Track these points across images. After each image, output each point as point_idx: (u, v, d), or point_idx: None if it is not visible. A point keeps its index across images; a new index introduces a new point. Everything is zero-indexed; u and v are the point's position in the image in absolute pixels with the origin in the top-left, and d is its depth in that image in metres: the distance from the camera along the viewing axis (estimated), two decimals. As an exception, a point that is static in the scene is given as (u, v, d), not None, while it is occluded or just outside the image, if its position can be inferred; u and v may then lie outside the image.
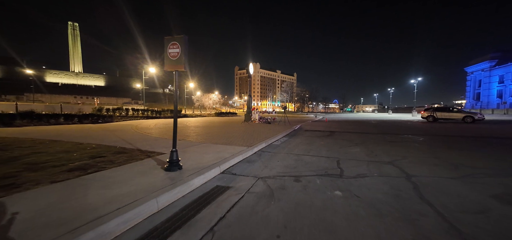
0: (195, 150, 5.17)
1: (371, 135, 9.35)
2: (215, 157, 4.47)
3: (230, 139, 7.03)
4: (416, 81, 37.69)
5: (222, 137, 7.39)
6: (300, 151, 5.71)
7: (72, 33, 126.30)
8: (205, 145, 5.89)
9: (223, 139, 7.02)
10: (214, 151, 5.02)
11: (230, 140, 6.70)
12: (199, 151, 5.01)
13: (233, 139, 7.04)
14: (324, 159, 4.81)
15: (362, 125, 14.73)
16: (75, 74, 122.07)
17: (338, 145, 6.73)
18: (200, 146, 5.63)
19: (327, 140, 7.70)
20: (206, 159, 4.25)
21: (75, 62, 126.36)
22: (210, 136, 7.63)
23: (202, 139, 6.98)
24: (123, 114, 16.74)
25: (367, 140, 7.69)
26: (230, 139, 6.92)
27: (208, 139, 6.89)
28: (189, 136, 7.65)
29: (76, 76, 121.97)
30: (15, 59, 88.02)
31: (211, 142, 6.41)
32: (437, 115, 18.21)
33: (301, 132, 10.50)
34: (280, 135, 8.44)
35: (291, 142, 7.25)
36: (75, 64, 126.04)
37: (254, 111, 15.78)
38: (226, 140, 6.81)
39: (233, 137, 7.52)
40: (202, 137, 7.35)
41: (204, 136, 7.76)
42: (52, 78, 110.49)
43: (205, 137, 7.35)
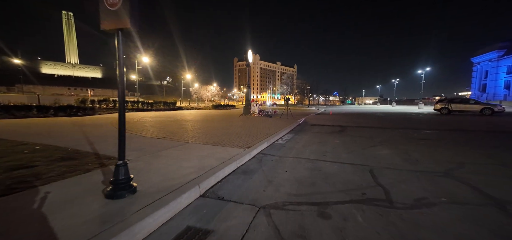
0: (171, 154, 3.80)
1: (389, 130, 8.00)
2: (197, 166, 3.11)
3: (223, 137, 5.67)
4: (423, 71, 36.08)
5: (214, 135, 6.03)
6: (313, 154, 4.36)
7: (66, 23, 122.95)
8: (189, 146, 4.53)
9: (215, 137, 5.66)
10: (198, 156, 3.66)
11: (223, 139, 5.34)
12: (177, 156, 3.65)
13: (227, 137, 5.67)
14: (350, 168, 3.46)
15: (372, 119, 13.37)
16: (71, 65, 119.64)
17: (358, 144, 5.38)
18: (181, 148, 4.27)
19: (341, 138, 6.35)
20: (182, 171, 2.90)
21: (71, 53, 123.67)
22: (199, 133, 6.27)
23: (189, 137, 5.62)
24: (110, 106, 15.30)
25: (390, 138, 6.33)
26: (223, 137, 5.56)
27: (196, 137, 5.53)
28: (174, 133, 6.28)
29: (72, 67, 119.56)
30: (8, 49, 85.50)
31: (199, 141, 5.05)
32: (451, 107, 16.83)
33: (307, 127, 9.13)
34: (283, 131, 7.08)
35: (299, 141, 5.89)
36: (71, 55, 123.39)
37: (254, 104, 14.38)
38: (219, 138, 5.44)
39: (228, 134, 6.15)
40: (189, 135, 5.99)
41: (192, 133, 6.40)
42: (48, 70, 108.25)
43: (193, 134, 5.99)
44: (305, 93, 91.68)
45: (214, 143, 4.78)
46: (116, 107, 15.76)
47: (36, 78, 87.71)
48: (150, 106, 17.49)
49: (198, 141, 5.04)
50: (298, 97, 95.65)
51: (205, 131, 6.61)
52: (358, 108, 37.12)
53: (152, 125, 8.12)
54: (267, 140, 5.28)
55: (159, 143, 4.69)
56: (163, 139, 5.22)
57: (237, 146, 4.56)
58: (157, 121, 9.48)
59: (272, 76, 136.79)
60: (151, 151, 3.95)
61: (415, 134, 7.08)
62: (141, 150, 4.06)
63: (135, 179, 2.38)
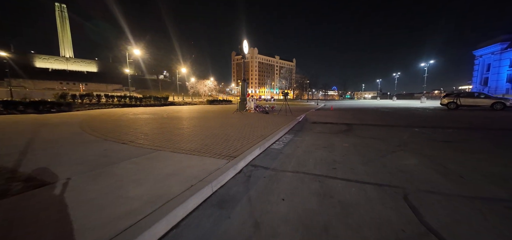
0: (122, 171, 2.73)
1: (403, 129, 6.97)
2: (147, 195, 2.05)
3: (207, 140, 4.60)
4: (427, 65, 34.96)
5: (196, 137, 4.96)
6: (319, 166, 3.31)
7: (60, 15, 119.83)
8: (157, 155, 3.45)
9: (197, 140, 4.59)
10: (159, 175, 2.60)
11: (205, 143, 4.27)
12: (128, 176, 2.58)
13: (212, 140, 4.61)
14: (375, 191, 2.43)
15: (377, 115, 12.34)
16: (65, 59, 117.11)
17: (373, 149, 4.34)
18: (143, 159, 3.20)
19: (350, 139, 5.30)
20: (117, 208, 1.83)
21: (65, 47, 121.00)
22: (179, 135, 5.19)
23: (163, 141, 4.54)
24: (94, 101, 14.08)
25: (407, 139, 5.30)
26: (206, 141, 4.49)
27: (171, 141, 4.45)
28: (147, 135, 5.20)
29: (67, 61, 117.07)
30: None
31: (173, 147, 3.97)
32: (460, 102, 15.85)
33: (308, 125, 8.08)
34: (281, 130, 6.02)
35: (299, 144, 4.84)
36: (65, 48, 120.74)
37: (249, 99, 13.27)
38: (200, 142, 4.38)
39: (214, 136, 5.08)
40: (165, 137, 4.91)
41: (170, 134, 5.32)
42: (42, 64, 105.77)
43: (170, 137, 4.91)
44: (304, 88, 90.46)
45: (191, 150, 3.71)
46: (101, 102, 14.60)
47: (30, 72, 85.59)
48: (138, 102, 16.29)
49: (172, 147, 3.96)
50: (297, 92, 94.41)
51: (187, 132, 5.53)
52: (359, 103, 36.16)
53: (129, 124, 7.03)
54: (260, 145, 4.23)
55: (119, 151, 3.61)
56: (129, 144, 4.14)
57: (221, 154, 3.50)
58: (137, 119, 8.38)
59: (271, 70, 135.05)
60: (98, 165, 2.88)
61: (433, 134, 6.06)
62: (85, 163, 2.99)
63: (32, 226, 1.31)
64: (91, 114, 9.42)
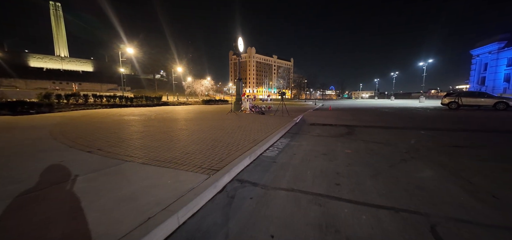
0: (53, 198, 2.13)
1: (408, 131, 6.44)
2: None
3: (190, 147, 4.01)
4: (425, 64, 34.61)
5: (179, 142, 4.35)
6: (319, 181, 2.74)
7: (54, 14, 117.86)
8: (123, 168, 2.85)
9: (178, 147, 3.99)
10: (105, 202, 2.00)
11: (186, 152, 3.68)
12: (52, 207, 1.98)
13: (195, 146, 4.01)
14: (393, 222, 1.86)
15: (378, 115, 11.83)
16: (60, 58, 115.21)
17: (380, 156, 3.79)
18: (103, 175, 2.59)
19: (352, 144, 4.74)
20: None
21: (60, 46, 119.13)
22: (159, 140, 4.59)
23: (138, 147, 3.93)
24: (80, 101, 13.34)
25: (416, 144, 4.76)
26: (188, 148, 3.90)
27: (148, 149, 3.85)
28: (123, 140, 4.59)
29: (62, 60, 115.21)
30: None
31: (147, 156, 3.37)
32: (462, 101, 15.43)
33: (305, 127, 7.52)
34: (276, 134, 5.44)
35: (296, 151, 4.26)
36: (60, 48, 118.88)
37: (245, 99, 12.68)
38: (181, 150, 3.78)
39: (199, 141, 4.49)
40: (142, 143, 4.30)
41: (149, 140, 4.71)
42: (36, 63, 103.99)
43: (148, 143, 4.30)
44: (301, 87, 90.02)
45: (167, 161, 3.11)
46: (89, 102, 13.87)
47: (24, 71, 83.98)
48: (129, 102, 15.58)
49: (146, 156, 3.36)
50: (294, 92, 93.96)
51: (170, 137, 4.92)
52: (357, 103, 35.75)
53: (108, 127, 6.39)
54: (251, 152, 3.65)
55: (78, 163, 3.00)
56: (95, 153, 3.52)
57: (202, 166, 2.91)
58: (121, 121, 7.74)
59: (269, 70, 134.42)
60: (35, 186, 2.27)
61: (443, 137, 5.54)
62: (23, 181, 2.37)
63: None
64: (72, 116, 8.76)
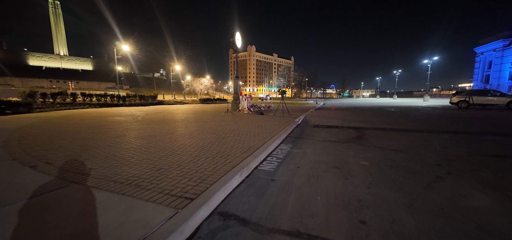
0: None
1: (427, 135, 5.61)
2: None
3: (166, 159, 3.20)
4: (430, 61, 33.58)
5: (154, 153, 3.55)
6: (334, 217, 1.92)
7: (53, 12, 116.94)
8: (49, 197, 2.04)
9: (151, 159, 3.19)
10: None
11: (159, 166, 2.87)
12: None
13: (173, 159, 3.21)
14: None
15: (386, 115, 11.00)
16: (59, 57, 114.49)
17: (407, 173, 2.97)
18: (21, 212, 1.79)
19: (368, 154, 3.92)
20: None
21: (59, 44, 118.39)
22: (131, 150, 3.79)
23: (101, 158, 3.13)
24: (68, 100, 12.51)
25: (447, 155, 3.93)
26: (165, 160, 3.09)
27: (110, 160, 3.05)
28: (86, 149, 3.79)
29: (61, 59, 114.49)
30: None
31: (100, 175, 2.57)
32: (472, 100, 14.58)
33: (309, 130, 6.70)
34: (275, 139, 4.63)
35: (300, 163, 3.45)
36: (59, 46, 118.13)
37: (243, 98, 11.86)
38: (153, 164, 2.97)
39: (180, 151, 3.68)
40: (108, 153, 3.50)
41: (122, 148, 3.91)
42: (35, 62, 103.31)
43: (116, 152, 3.50)
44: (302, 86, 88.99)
45: (127, 183, 2.31)
46: (77, 101, 13.05)
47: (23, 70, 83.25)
48: (121, 101, 14.77)
49: (102, 175, 2.56)
50: (295, 90, 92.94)
51: (147, 145, 4.12)
52: (359, 101, 34.88)
53: (81, 131, 5.59)
54: (244, 165, 2.85)
55: (5, 187, 2.20)
56: (38, 169, 2.71)
57: (171, 192, 2.10)
58: (102, 123, 6.95)
59: (269, 68, 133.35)
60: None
61: (473, 143, 4.71)
62: None
63: None
64: (49, 117, 7.96)
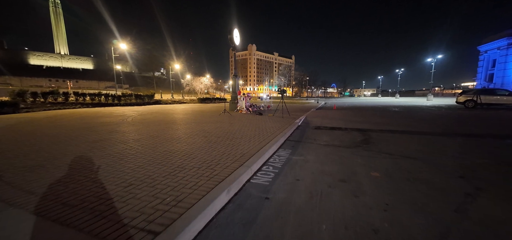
0: None
1: (441, 138, 5.11)
2: None
3: (140, 171, 2.73)
4: (434, 60, 32.96)
5: (133, 161, 3.08)
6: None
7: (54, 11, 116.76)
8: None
9: (126, 170, 2.72)
10: None
11: (131, 180, 2.39)
12: None
13: (146, 172, 2.73)
14: None
15: (391, 115, 10.48)
16: (60, 56, 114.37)
17: (430, 188, 2.47)
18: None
19: (378, 162, 3.42)
20: None
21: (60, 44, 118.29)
22: (109, 156, 3.32)
23: (66, 168, 2.66)
24: (60, 100, 12.06)
25: (472, 164, 3.43)
26: (139, 173, 2.62)
27: (82, 172, 2.57)
28: (58, 158, 3.32)
29: (62, 58, 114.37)
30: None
31: (56, 193, 2.09)
32: (480, 100, 14.01)
33: (310, 132, 6.20)
34: (273, 143, 4.14)
35: (300, 175, 2.96)
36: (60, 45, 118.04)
37: (240, 97, 11.37)
38: (126, 176, 2.50)
39: (160, 159, 3.21)
40: (80, 163, 3.03)
41: (98, 155, 3.44)
42: (36, 61, 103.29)
43: (80, 164, 3.03)
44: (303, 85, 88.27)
45: (78, 206, 1.83)
46: (69, 101, 12.60)
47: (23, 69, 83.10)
48: (116, 101, 14.31)
49: (53, 196, 2.08)
50: (296, 89, 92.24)
51: (124, 152, 3.64)
52: (361, 101, 34.29)
53: (57, 134, 5.13)
54: (233, 179, 2.36)
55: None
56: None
57: (131, 223, 1.63)
58: (86, 125, 6.49)
59: (270, 67, 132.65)
60: None
61: (494, 148, 4.20)
62: None
63: None
64: (32, 118, 7.51)
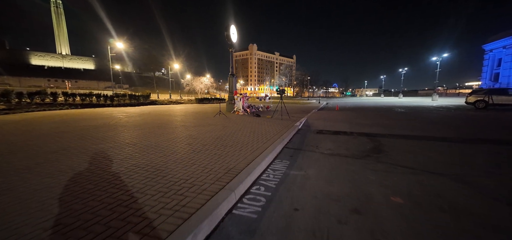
0: None
1: (462, 145, 4.41)
2: None
3: (76, 205, 2.07)
4: (439, 59, 32.04)
5: (92, 179, 2.42)
6: None
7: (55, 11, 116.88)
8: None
9: (71, 192, 2.06)
10: None
11: (54, 226, 1.73)
12: None
13: (93, 202, 2.07)
14: None
15: (398, 118, 9.77)
16: (61, 56, 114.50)
17: (482, 228, 1.79)
18: None
19: (397, 181, 2.73)
20: None
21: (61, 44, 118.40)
22: (63, 172, 2.67)
23: (5, 190, 2.01)
24: (47, 100, 11.45)
25: (495, 175, 2.74)
26: (75, 207, 1.96)
27: (20, 197, 1.92)
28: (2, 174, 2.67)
29: (63, 58, 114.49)
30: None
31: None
32: (492, 100, 13.23)
33: (311, 137, 5.52)
34: (267, 155, 3.47)
35: (299, 199, 2.28)
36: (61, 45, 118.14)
37: (237, 98, 10.70)
38: (48, 211, 1.84)
39: (112, 184, 2.55)
40: (27, 183, 2.37)
41: (52, 170, 2.80)
42: (38, 61, 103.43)
43: (24, 179, 2.37)
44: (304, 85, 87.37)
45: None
46: (58, 101, 12.01)
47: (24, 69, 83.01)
48: (109, 101, 13.71)
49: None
50: (297, 89, 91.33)
51: (82, 167, 3.00)
52: (364, 101, 33.50)
53: (23, 140, 4.50)
54: (205, 218, 1.70)
55: None
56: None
57: None
58: (61, 129, 5.87)
59: (271, 67, 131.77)
60: None
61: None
62: None
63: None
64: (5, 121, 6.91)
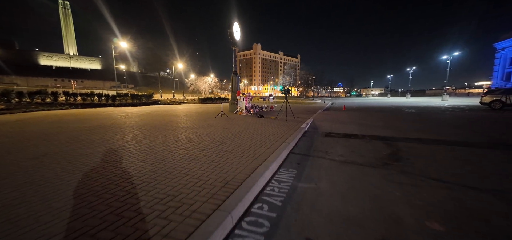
0: None
1: (489, 152, 3.88)
2: None
3: (52, 228, 1.66)
4: (449, 57, 30.97)
5: (66, 192, 2.02)
6: None
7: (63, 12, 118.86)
8: None
9: (39, 210, 1.66)
10: None
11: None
12: None
13: (61, 226, 1.66)
14: None
15: (409, 119, 9.18)
16: (69, 56, 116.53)
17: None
18: None
19: (430, 199, 2.24)
20: None
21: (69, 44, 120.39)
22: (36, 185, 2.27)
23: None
24: (48, 100, 11.29)
25: None
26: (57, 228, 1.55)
27: None
28: None
29: (70, 58, 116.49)
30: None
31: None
32: (510, 100, 12.46)
33: (319, 141, 5.04)
34: (271, 162, 3.02)
35: (312, 229, 1.83)
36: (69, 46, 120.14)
37: (240, 98, 10.28)
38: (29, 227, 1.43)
39: (99, 196, 2.14)
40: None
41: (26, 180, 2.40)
42: (46, 61, 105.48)
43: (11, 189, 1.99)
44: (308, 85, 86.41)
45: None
46: (59, 101, 11.83)
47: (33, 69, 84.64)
48: (111, 101, 13.49)
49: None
50: (301, 89, 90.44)
51: (55, 181, 2.61)
52: (371, 101, 32.65)
53: (7, 142, 4.16)
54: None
55: None
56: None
57: None
58: (53, 131, 5.54)
59: (275, 66, 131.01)
60: None
61: None
62: None
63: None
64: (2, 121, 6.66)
